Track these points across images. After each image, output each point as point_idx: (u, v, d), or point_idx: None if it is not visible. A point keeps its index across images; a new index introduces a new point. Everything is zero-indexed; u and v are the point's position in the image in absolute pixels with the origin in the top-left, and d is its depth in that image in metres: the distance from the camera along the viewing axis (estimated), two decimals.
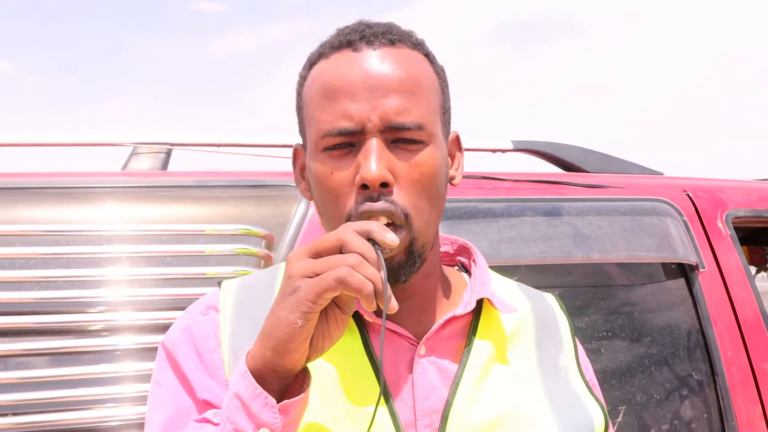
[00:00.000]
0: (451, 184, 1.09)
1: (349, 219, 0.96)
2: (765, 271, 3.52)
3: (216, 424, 0.91)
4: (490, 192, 1.83)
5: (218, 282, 1.11)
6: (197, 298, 1.48)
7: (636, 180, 2.06)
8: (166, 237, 1.54)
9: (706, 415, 1.80)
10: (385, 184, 0.95)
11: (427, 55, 1.06)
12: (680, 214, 1.93)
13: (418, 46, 1.05)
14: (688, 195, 2.00)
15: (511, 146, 2.13)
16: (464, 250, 1.18)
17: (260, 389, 0.86)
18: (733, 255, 1.95)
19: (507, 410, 0.99)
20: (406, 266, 0.98)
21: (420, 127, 0.98)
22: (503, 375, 1.03)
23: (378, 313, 0.96)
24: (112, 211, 1.59)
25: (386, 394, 0.97)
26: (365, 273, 0.83)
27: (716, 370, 1.82)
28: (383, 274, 0.86)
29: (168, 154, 1.83)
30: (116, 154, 1.86)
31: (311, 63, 1.05)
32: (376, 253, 0.87)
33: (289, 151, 2.07)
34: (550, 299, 1.19)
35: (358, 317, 1.01)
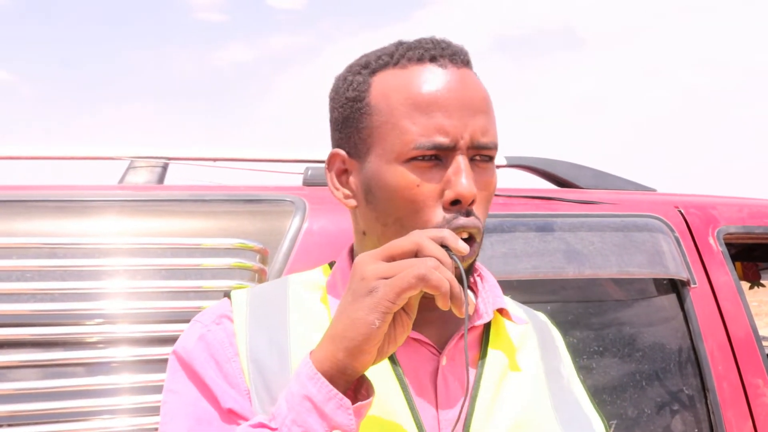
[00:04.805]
0: None
1: None
2: (759, 287, 3.52)
3: (273, 429, 0.89)
4: None
5: (225, 293, 1.11)
6: (192, 311, 1.50)
7: (628, 196, 2.07)
8: (162, 250, 1.55)
9: (696, 430, 1.81)
10: (473, 202, 0.99)
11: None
12: (672, 231, 1.95)
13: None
14: (679, 211, 2.01)
15: (504, 162, 2.15)
16: None
17: (335, 391, 0.86)
18: (724, 271, 1.96)
19: (521, 419, 1.02)
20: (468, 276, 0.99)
21: (495, 147, 1.02)
22: (516, 384, 1.06)
23: None
24: (109, 224, 1.60)
25: (411, 404, 0.99)
26: (443, 274, 0.85)
27: (707, 385, 1.83)
28: (462, 278, 0.89)
29: (164, 168, 1.84)
30: (113, 167, 1.87)
31: (373, 70, 1.05)
32: (451, 258, 0.89)
33: (285, 166, 2.07)
34: (541, 316, 1.24)
35: None
